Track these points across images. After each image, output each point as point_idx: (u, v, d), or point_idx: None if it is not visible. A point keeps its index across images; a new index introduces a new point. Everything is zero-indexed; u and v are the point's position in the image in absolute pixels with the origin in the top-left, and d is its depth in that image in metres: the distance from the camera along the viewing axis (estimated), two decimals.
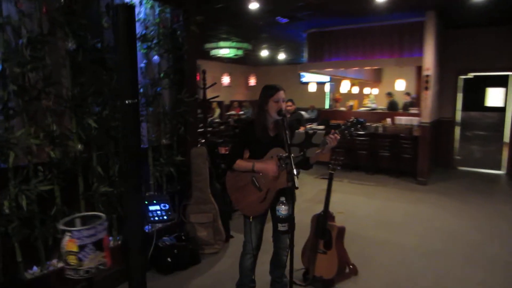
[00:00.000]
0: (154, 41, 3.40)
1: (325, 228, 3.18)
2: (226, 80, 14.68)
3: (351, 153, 7.79)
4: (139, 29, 3.28)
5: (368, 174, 7.71)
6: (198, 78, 4.20)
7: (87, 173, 2.99)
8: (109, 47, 3.03)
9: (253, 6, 5.80)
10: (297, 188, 2.03)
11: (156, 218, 2.09)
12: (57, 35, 2.73)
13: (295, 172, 2.04)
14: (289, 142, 2.24)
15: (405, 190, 6.50)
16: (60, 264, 2.86)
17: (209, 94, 4.54)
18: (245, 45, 10.30)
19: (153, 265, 3.39)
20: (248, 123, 2.65)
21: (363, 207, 5.52)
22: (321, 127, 8.38)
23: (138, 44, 3.28)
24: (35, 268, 2.78)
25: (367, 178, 7.42)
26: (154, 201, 2.17)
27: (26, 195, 2.51)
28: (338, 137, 2.43)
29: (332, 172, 3.19)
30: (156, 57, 3.48)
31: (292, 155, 2.20)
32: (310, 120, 11.07)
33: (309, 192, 6.26)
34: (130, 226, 2.09)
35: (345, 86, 10.07)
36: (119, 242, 3.24)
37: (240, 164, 2.56)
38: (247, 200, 2.59)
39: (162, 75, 3.49)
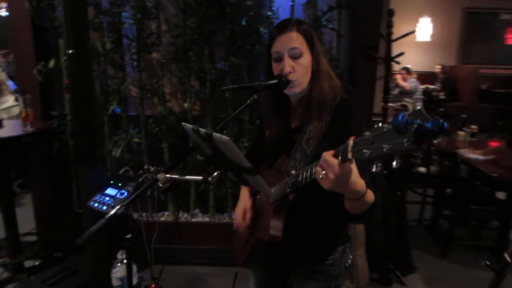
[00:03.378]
0: None
1: None
2: None
3: None
4: None
5: None
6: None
7: None
8: None
9: None
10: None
11: (96, 205, 1.53)
12: None
13: None
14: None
15: None
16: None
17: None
18: None
19: None
20: None
21: None
22: None
23: None
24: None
25: None
26: (120, 184, 1.59)
27: (125, 143, 2.63)
28: (338, 170, 0.78)
29: (510, 261, 1.15)
30: None
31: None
32: None
33: None
34: (83, 206, 1.68)
35: None
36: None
37: None
38: (238, 234, 1.41)
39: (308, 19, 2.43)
